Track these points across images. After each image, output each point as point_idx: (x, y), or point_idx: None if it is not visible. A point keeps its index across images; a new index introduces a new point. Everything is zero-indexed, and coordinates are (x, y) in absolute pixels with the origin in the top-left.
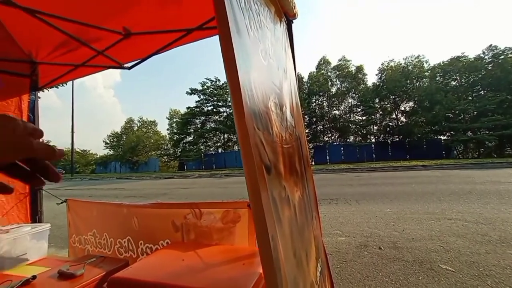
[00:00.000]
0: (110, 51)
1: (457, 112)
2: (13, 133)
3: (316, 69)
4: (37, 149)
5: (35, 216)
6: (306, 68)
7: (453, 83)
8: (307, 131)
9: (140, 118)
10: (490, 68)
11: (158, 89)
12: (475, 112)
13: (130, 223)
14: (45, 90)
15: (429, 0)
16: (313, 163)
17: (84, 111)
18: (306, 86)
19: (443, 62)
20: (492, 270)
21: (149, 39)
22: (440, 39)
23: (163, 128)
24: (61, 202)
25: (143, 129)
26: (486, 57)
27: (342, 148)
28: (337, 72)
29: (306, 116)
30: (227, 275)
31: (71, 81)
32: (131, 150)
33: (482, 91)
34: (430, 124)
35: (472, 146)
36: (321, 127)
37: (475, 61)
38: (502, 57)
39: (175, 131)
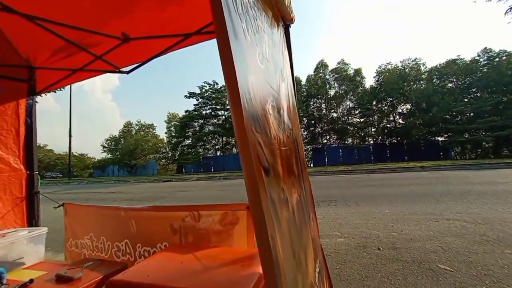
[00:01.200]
0: (108, 55)
1: (454, 113)
2: None
3: (314, 72)
4: None
5: (32, 220)
6: (304, 71)
7: (450, 85)
8: (305, 133)
9: (138, 122)
10: (485, 70)
11: (156, 93)
12: (471, 114)
13: (127, 226)
14: (42, 94)
15: (426, 3)
16: (311, 165)
17: (82, 115)
18: (304, 89)
19: (439, 64)
20: (490, 270)
21: (147, 44)
22: (436, 42)
23: (161, 131)
24: (58, 206)
25: (141, 133)
26: (481, 59)
27: (340, 150)
28: (336, 75)
29: (304, 119)
30: (226, 276)
31: (69, 86)
32: (129, 154)
33: (478, 93)
34: (427, 125)
35: (469, 147)
36: (319, 129)
37: (470, 64)
38: (497, 59)
39: (174, 134)
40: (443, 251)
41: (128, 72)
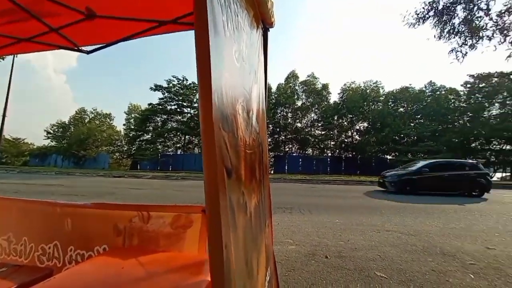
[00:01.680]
0: (66, 30)
1: (401, 135)
2: None
3: (285, 81)
4: None
5: None
6: (275, 79)
7: (401, 109)
8: (269, 140)
9: (94, 110)
10: (429, 100)
11: (118, 80)
12: (415, 137)
13: (61, 225)
14: None
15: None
16: (272, 172)
17: (24, 94)
18: (273, 96)
19: (395, 90)
20: (415, 276)
21: (115, 25)
22: (395, 68)
23: (119, 123)
24: None
25: (96, 122)
26: (427, 90)
27: (300, 160)
28: (305, 87)
29: (270, 126)
30: (172, 283)
31: (12, 57)
32: (78, 143)
33: (422, 120)
34: (380, 144)
35: None
36: (283, 137)
37: (419, 93)
38: (438, 92)
39: (132, 127)
40: (380, 260)
41: (88, 52)
